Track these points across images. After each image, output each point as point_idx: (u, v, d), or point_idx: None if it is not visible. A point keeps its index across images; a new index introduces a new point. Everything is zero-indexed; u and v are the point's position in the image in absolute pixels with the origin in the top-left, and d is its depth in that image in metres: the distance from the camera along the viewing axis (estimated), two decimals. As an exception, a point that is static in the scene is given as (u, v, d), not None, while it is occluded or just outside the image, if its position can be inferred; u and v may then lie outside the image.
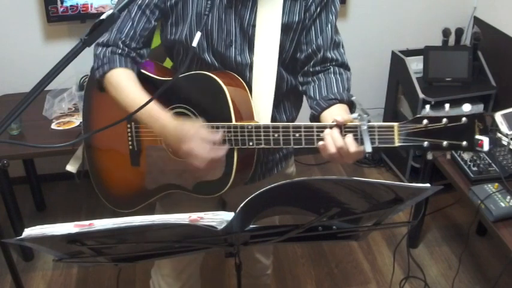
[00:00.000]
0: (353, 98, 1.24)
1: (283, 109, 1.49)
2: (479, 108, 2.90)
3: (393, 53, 3.06)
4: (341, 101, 1.33)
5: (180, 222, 0.99)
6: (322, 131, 1.20)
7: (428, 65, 2.84)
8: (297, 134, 1.23)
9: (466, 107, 1.08)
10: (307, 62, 1.40)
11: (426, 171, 2.40)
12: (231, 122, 1.30)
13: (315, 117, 1.36)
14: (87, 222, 0.99)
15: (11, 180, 2.41)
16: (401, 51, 3.00)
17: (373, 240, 2.75)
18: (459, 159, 2.03)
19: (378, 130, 1.14)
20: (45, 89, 1.00)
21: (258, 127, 1.27)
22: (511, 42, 2.78)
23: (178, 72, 1.38)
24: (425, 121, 1.09)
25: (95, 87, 1.47)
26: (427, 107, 1.11)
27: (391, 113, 3.16)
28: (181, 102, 1.39)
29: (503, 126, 2.14)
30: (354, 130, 1.16)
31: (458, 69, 2.84)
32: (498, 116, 2.18)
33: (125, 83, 1.36)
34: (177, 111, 1.39)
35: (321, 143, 1.19)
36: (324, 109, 1.33)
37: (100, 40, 1.38)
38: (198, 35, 1.27)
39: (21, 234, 0.99)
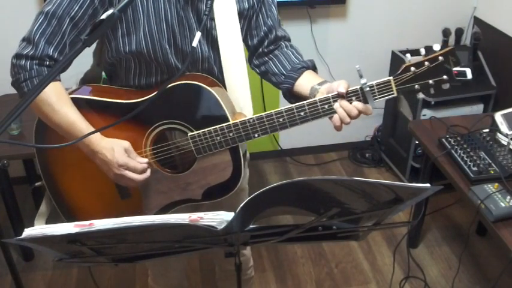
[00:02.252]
0: (357, 67, 1.30)
1: None
2: (479, 108, 2.90)
3: (393, 53, 3.06)
4: (308, 68, 1.43)
5: (180, 222, 0.99)
6: (326, 103, 1.28)
7: (428, 65, 2.84)
8: (302, 113, 1.29)
9: (436, 47, 1.28)
10: (259, 45, 1.47)
11: (426, 171, 2.40)
12: (228, 121, 1.31)
13: (289, 90, 1.43)
14: (87, 222, 0.98)
15: (11, 180, 2.41)
16: (401, 51, 3.00)
17: (373, 240, 2.75)
18: (459, 159, 2.03)
19: (377, 87, 1.29)
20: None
21: (260, 118, 1.30)
22: (511, 42, 2.78)
23: (173, 79, 1.34)
24: (412, 68, 1.27)
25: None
26: (408, 55, 1.28)
27: (391, 113, 3.16)
28: (165, 118, 1.35)
29: (503, 126, 2.14)
30: (356, 93, 1.28)
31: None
32: (498, 116, 2.18)
33: (58, 103, 1.29)
34: (167, 127, 1.36)
35: (335, 116, 1.28)
36: (295, 79, 1.41)
37: (24, 52, 1.29)
38: (198, 34, 1.27)
39: (21, 234, 0.99)
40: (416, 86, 1.28)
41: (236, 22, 1.38)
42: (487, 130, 2.19)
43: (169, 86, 1.32)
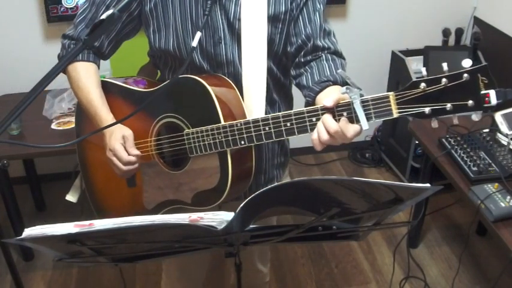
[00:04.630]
0: (338, 71, 1.17)
1: (278, 107, 1.46)
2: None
3: (393, 53, 3.06)
4: (335, 83, 1.25)
5: (180, 222, 0.98)
6: (314, 116, 1.15)
7: (428, 65, 2.84)
8: (288, 123, 1.18)
9: (466, 63, 0.97)
10: (297, 53, 1.34)
11: (426, 171, 2.40)
12: (220, 123, 1.26)
13: (310, 104, 1.28)
14: (87, 222, 0.98)
15: (11, 180, 2.41)
16: (401, 51, 3.00)
17: (373, 240, 2.75)
18: (459, 159, 2.03)
19: (373, 103, 1.07)
20: (45, 89, 1.00)
21: (247, 123, 1.23)
22: (511, 42, 2.78)
23: (175, 77, 1.36)
24: (423, 84, 1.00)
25: None
26: (423, 69, 1.02)
27: (391, 113, 3.16)
28: (168, 111, 1.35)
29: (503, 126, 2.14)
30: (347, 108, 1.09)
31: (458, 69, 2.83)
32: (498, 116, 2.17)
33: (83, 81, 1.39)
34: (166, 121, 1.36)
35: (314, 129, 1.13)
36: (317, 93, 1.25)
37: (67, 32, 1.41)
38: (198, 34, 1.25)
39: (21, 234, 0.99)
40: (426, 108, 1.01)
41: (263, 26, 1.30)
42: (487, 130, 2.19)
43: (172, 79, 1.35)
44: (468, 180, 1.96)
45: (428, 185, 0.98)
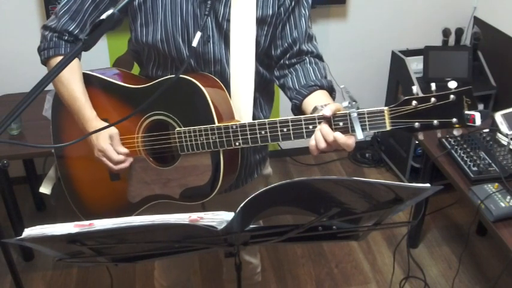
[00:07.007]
0: (342, 87, 1.23)
1: (260, 106, 1.48)
2: (479, 108, 2.90)
3: (393, 53, 3.06)
4: (321, 87, 1.33)
5: (180, 222, 0.99)
6: (310, 123, 1.19)
7: (428, 65, 2.84)
8: (285, 129, 1.22)
9: (452, 84, 1.09)
10: (282, 56, 1.39)
11: (426, 171, 2.40)
12: (214, 123, 1.28)
13: (297, 107, 1.35)
14: (87, 222, 0.98)
15: (11, 180, 2.41)
16: (401, 51, 3.00)
17: (373, 240, 2.75)
18: (459, 159, 2.03)
19: (368, 116, 1.15)
20: (45, 89, 1.00)
21: (243, 126, 1.26)
22: (511, 42, 2.78)
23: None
24: (414, 102, 1.11)
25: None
26: (415, 87, 1.13)
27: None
28: (159, 108, 1.35)
29: (503, 126, 2.14)
30: (344, 118, 1.16)
31: (458, 69, 2.84)
32: (498, 116, 2.18)
33: (66, 75, 1.36)
34: (155, 118, 1.36)
35: (311, 137, 1.18)
36: (305, 97, 1.32)
37: (49, 23, 1.39)
38: (198, 34, 1.25)
39: (21, 234, 0.99)
40: (416, 123, 1.12)
41: (252, 28, 1.33)
42: (487, 130, 2.19)
43: (167, 78, 1.36)
44: (468, 180, 1.96)
45: (428, 185, 0.98)
